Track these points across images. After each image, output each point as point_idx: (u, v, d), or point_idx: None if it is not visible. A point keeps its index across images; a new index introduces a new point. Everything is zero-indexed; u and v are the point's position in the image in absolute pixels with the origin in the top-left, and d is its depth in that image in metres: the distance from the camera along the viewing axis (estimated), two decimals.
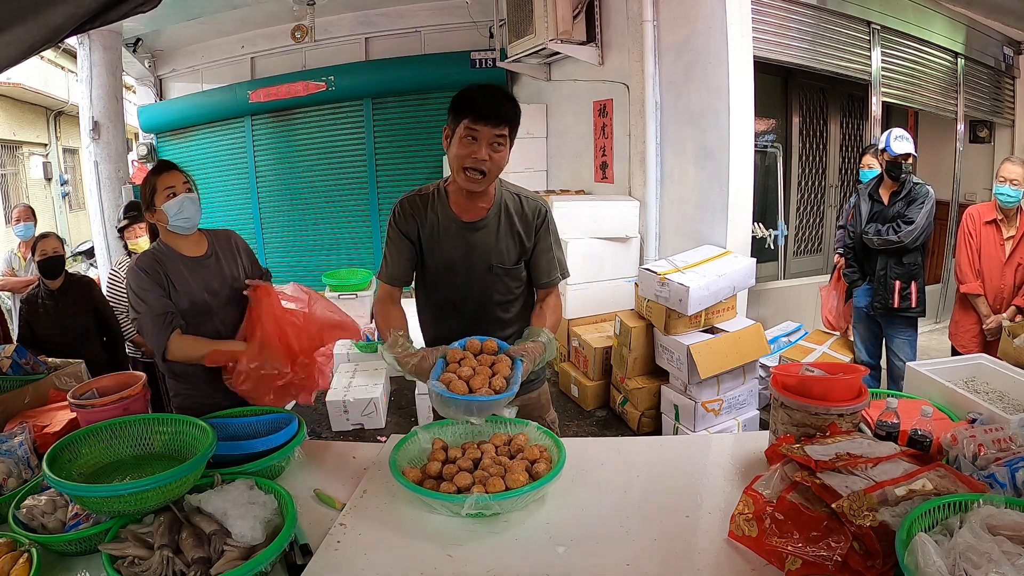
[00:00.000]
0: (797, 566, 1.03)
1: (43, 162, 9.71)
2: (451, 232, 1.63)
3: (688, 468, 1.49)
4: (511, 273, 1.68)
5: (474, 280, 1.66)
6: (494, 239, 1.64)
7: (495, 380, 1.36)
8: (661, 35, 3.84)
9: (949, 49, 4.90)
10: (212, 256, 1.82)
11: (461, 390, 1.33)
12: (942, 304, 5.13)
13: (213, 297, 1.78)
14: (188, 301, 1.73)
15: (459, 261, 1.65)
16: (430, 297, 1.74)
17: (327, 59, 6.34)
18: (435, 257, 1.66)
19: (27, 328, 2.93)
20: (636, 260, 4.10)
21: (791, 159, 4.99)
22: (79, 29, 1.21)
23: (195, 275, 1.77)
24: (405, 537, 1.21)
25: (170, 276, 1.73)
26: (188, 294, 1.74)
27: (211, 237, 1.87)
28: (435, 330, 1.76)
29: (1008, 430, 1.25)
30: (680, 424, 3.34)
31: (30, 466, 1.46)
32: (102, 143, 5.46)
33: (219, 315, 1.80)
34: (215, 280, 1.80)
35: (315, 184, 6.75)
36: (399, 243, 1.67)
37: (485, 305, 1.69)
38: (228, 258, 1.86)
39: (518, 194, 1.68)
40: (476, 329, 1.63)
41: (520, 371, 1.39)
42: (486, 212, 1.63)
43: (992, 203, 2.96)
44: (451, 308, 1.70)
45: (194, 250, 1.80)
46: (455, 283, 1.67)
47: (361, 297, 5.19)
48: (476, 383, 1.35)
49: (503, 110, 1.48)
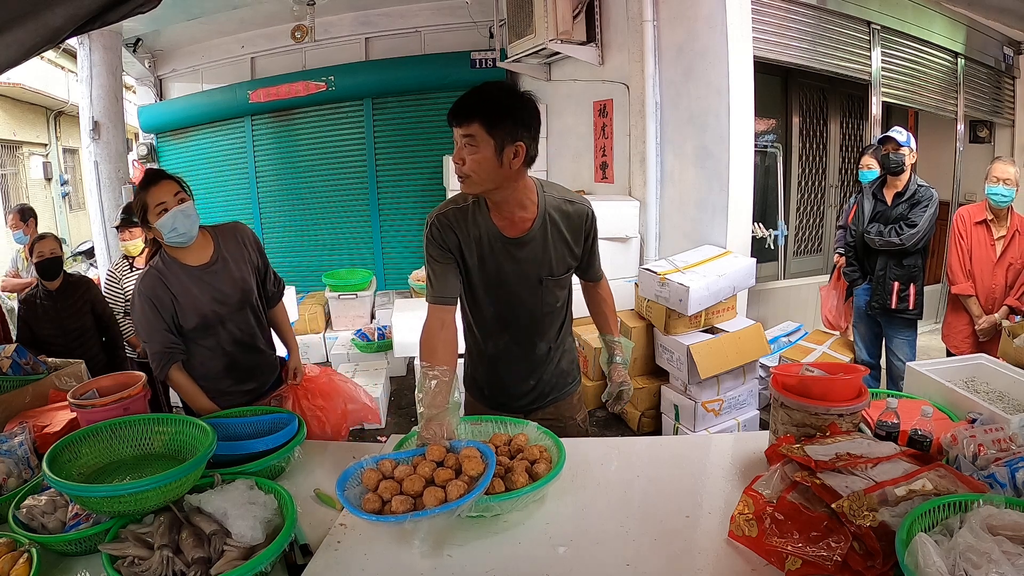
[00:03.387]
0: (797, 566, 1.03)
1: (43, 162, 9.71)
2: (496, 249, 1.53)
3: (688, 468, 1.49)
4: (560, 282, 1.62)
5: (524, 294, 1.59)
6: (542, 252, 1.55)
7: (452, 488, 1.18)
8: (661, 35, 3.84)
9: (949, 49, 4.90)
10: (218, 261, 1.78)
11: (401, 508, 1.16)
12: (941, 304, 5.12)
13: (222, 306, 1.76)
14: (197, 317, 1.72)
15: (509, 277, 1.56)
16: (477, 315, 1.65)
17: (327, 59, 6.33)
18: (481, 274, 1.57)
19: (26, 328, 2.92)
20: (636, 260, 4.10)
21: (791, 159, 4.99)
22: (79, 30, 1.21)
23: (201, 286, 1.74)
24: (405, 533, 1.21)
25: (175, 294, 1.71)
26: (195, 309, 1.72)
27: (216, 236, 1.82)
28: (483, 346, 1.69)
29: (1008, 430, 1.25)
30: (680, 424, 3.34)
31: (30, 466, 1.46)
32: (102, 143, 5.46)
33: (232, 321, 1.79)
34: (225, 286, 1.77)
35: (315, 184, 6.74)
36: (443, 259, 1.53)
37: (536, 317, 1.63)
38: (236, 258, 1.82)
39: (562, 198, 1.57)
40: (526, 342, 1.63)
41: (491, 474, 1.21)
42: (530, 225, 1.52)
43: (982, 204, 2.96)
44: (501, 324, 1.64)
45: (199, 257, 1.76)
46: (505, 299, 1.60)
47: (361, 297, 5.20)
48: (427, 497, 1.17)
49: (465, 108, 1.36)
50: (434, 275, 1.54)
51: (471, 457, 1.24)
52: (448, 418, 1.35)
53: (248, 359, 1.88)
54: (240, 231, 1.88)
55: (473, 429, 1.50)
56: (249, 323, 1.85)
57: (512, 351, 1.66)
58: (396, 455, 1.32)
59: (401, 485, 1.21)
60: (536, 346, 1.67)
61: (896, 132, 2.95)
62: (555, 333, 1.69)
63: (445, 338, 1.50)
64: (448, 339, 1.51)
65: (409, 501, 1.17)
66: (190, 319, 1.72)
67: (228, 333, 1.80)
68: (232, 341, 1.81)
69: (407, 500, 1.17)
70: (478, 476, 1.21)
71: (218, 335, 1.78)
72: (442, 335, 1.50)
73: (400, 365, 4.60)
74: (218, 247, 1.80)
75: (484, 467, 1.22)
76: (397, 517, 1.13)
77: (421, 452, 1.30)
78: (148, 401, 1.66)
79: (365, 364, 4.37)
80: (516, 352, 1.66)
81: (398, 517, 1.13)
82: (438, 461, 1.26)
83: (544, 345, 1.68)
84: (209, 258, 1.77)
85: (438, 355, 1.46)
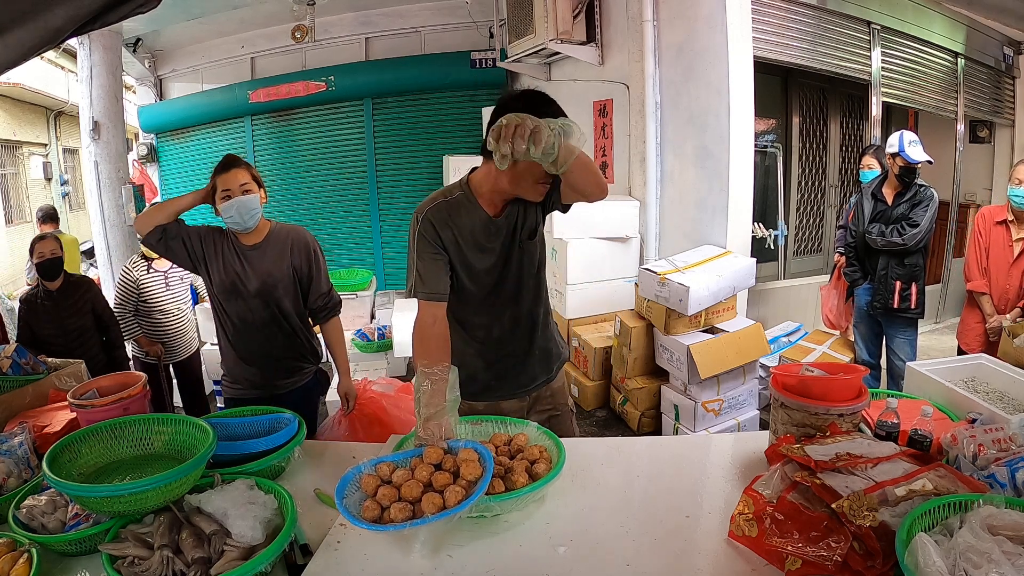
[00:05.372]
0: (797, 566, 1.03)
1: (43, 162, 9.73)
2: (491, 232, 1.55)
3: (688, 468, 1.49)
4: (537, 237, 1.63)
5: (512, 264, 1.60)
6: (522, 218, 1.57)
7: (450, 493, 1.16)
8: (661, 35, 3.84)
9: (949, 49, 4.90)
10: (260, 249, 1.95)
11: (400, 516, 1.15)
12: (942, 304, 5.13)
13: (243, 286, 1.93)
14: (219, 277, 1.93)
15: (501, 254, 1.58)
16: (476, 305, 1.63)
17: (327, 59, 6.34)
18: (478, 260, 1.57)
19: (26, 328, 2.93)
20: (636, 260, 4.10)
21: (791, 159, 5.00)
22: (79, 31, 1.21)
23: (238, 262, 1.93)
24: (405, 537, 1.21)
25: (218, 255, 1.92)
26: (221, 272, 1.93)
27: (273, 231, 1.99)
28: (486, 333, 1.66)
29: (1008, 430, 1.25)
30: (680, 424, 3.34)
31: (30, 466, 1.46)
32: (102, 143, 5.46)
33: (247, 302, 1.94)
34: (252, 271, 1.93)
35: (315, 184, 6.75)
36: (435, 255, 1.53)
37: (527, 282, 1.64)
38: (275, 255, 1.97)
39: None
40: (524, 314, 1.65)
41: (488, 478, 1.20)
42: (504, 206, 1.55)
43: (1005, 204, 2.95)
44: (502, 303, 1.63)
45: (250, 239, 1.95)
46: (501, 277, 1.60)
47: (361, 297, 5.20)
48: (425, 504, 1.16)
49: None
50: (424, 270, 1.52)
51: (469, 461, 1.24)
52: (446, 416, 1.35)
53: (255, 343, 1.99)
54: (295, 235, 2.01)
55: (473, 429, 1.50)
56: (262, 312, 1.96)
57: (515, 325, 1.66)
58: (394, 457, 1.32)
59: (399, 491, 1.20)
60: (533, 313, 1.67)
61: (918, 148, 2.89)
62: (542, 294, 1.70)
63: (438, 334, 1.51)
64: (441, 335, 1.52)
65: (408, 509, 1.17)
66: (215, 274, 1.93)
67: (239, 308, 1.95)
68: (240, 317, 1.96)
69: (406, 508, 1.16)
70: (476, 480, 1.20)
71: (231, 304, 1.96)
72: (435, 331, 1.51)
73: (400, 365, 4.60)
74: (267, 239, 1.96)
75: (482, 471, 1.22)
76: (396, 526, 1.13)
77: (419, 453, 1.30)
78: (149, 401, 1.66)
79: (365, 364, 4.37)
80: (518, 325, 1.66)
81: (396, 526, 1.13)
82: (436, 464, 1.26)
83: (537, 309, 1.68)
84: (255, 244, 1.95)
85: (432, 351, 1.47)
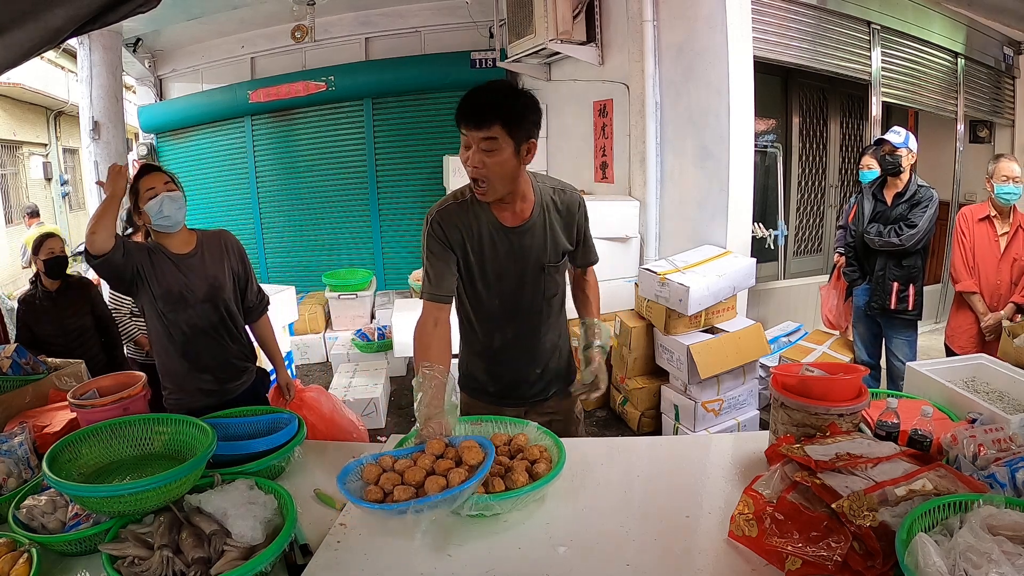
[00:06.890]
0: (797, 566, 1.03)
1: (43, 162, 9.72)
2: (499, 239, 1.55)
3: (688, 468, 1.49)
4: (560, 268, 1.64)
5: (527, 283, 1.60)
6: (542, 239, 1.57)
7: (453, 475, 1.19)
8: (661, 35, 3.84)
9: (949, 49, 4.90)
10: (196, 255, 1.91)
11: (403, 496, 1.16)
12: (942, 304, 5.12)
13: (190, 293, 1.87)
14: (162, 291, 1.84)
15: (512, 267, 1.57)
16: (480, 309, 1.64)
17: (327, 59, 6.34)
18: (486, 266, 1.57)
19: (26, 329, 2.92)
20: (636, 260, 4.10)
21: (791, 159, 5.00)
22: (79, 31, 1.21)
23: (177, 271, 1.86)
24: (404, 537, 1.21)
25: (155, 267, 1.82)
26: (163, 286, 1.84)
27: (201, 237, 1.95)
28: (487, 341, 1.67)
29: (1008, 430, 1.25)
30: (680, 424, 3.34)
31: (30, 466, 1.46)
32: (102, 143, 5.46)
33: (195, 309, 1.88)
34: (196, 277, 1.89)
35: (315, 184, 6.75)
36: (443, 256, 1.53)
37: (537, 304, 1.64)
38: (213, 257, 1.94)
39: (553, 187, 1.61)
40: (530, 332, 1.65)
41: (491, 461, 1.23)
42: (530, 214, 1.55)
43: (984, 203, 2.95)
44: (506, 316, 1.63)
45: (181, 248, 1.89)
46: (509, 290, 1.60)
47: (361, 297, 5.20)
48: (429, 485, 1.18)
49: (484, 110, 1.36)
50: (432, 272, 1.54)
51: (471, 447, 1.25)
52: (446, 418, 1.36)
53: (206, 350, 1.92)
54: (224, 237, 2.01)
55: (473, 429, 1.50)
56: (211, 317, 1.92)
57: (517, 342, 1.66)
58: (396, 452, 1.32)
59: (402, 477, 1.21)
60: (540, 335, 1.67)
61: (893, 134, 2.95)
62: (557, 321, 1.71)
63: (439, 335, 1.52)
64: (442, 337, 1.52)
65: (411, 490, 1.17)
66: (156, 289, 1.83)
67: (188, 316, 1.88)
68: (190, 325, 1.89)
69: (409, 489, 1.17)
70: (478, 464, 1.21)
71: (178, 314, 1.87)
72: (437, 332, 1.51)
73: (400, 365, 4.60)
74: (200, 245, 1.93)
75: (484, 456, 1.23)
76: (399, 505, 1.13)
77: (420, 449, 1.30)
78: (149, 401, 1.66)
79: (365, 364, 4.37)
80: (521, 343, 1.67)
81: (400, 505, 1.12)
82: (438, 454, 1.27)
83: (547, 333, 1.69)
84: (189, 251, 1.90)
85: (432, 352, 1.48)
